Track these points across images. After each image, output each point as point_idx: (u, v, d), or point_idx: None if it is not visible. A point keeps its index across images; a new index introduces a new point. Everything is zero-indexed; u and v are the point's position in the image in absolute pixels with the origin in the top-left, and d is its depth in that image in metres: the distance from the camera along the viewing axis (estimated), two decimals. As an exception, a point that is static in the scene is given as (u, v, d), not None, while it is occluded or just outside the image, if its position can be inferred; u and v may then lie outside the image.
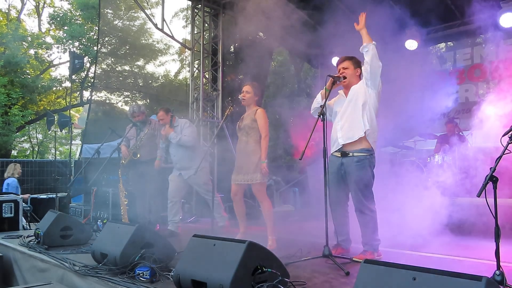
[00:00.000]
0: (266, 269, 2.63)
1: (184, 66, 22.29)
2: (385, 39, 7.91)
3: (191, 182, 5.61)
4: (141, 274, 3.13)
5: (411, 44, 7.53)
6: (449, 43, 10.01)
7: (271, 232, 4.56)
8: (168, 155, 5.76)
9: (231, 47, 9.69)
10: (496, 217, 2.82)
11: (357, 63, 4.09)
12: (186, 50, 9.66)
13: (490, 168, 2.86)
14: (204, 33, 9.02)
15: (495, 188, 2.83)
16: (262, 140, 4.55)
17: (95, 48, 18.73)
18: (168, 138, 5.56)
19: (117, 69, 21.75)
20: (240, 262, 2.54)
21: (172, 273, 2.95)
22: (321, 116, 3.74)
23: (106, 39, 20.77)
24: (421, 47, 7.79)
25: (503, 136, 2.92)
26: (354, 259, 3.69)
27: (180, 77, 22.64)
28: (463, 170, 5.72)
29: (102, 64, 21.22)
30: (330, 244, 3.70)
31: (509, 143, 2.87)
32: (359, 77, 4.06)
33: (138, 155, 5.89)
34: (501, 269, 2.81)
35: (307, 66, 10.14)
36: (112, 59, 21.40)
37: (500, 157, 2.87)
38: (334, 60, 8.35)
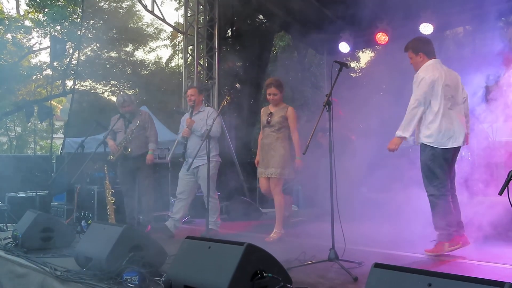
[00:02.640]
0: (266, 274, 2.61)
1: (177, 52, 22.25)
2: (397, 22, 7.88)
3: (200, 172, 5.53)
4: (129, 280, 3.12)
5: (426, 28, 7.48)
6: (467, 26, 9.97)
7: (278, 225, 5.15)
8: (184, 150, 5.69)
9: (228, 31, 9.66)
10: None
11: (417, 48, 4.29)
12: (179, 34, 9.62)
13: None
14: (199, 16, 8.97)
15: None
16: (294, 138, 5.18)
17: (79, 32, 18.64)
18: (192, 130, 5.52)
19: (103, 55, 21.72)
20: (238, 266, 2.53)
21: (163, 279, 2.94)
22: (327, 106, 3.73)
23: (91, 22, 20.72)
24: (436, 31, 7.74)
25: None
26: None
27: (173, 64, 22.65)
28: (483, 165, 5.71)
29: (87, 50, 21.18)
30: (339, 247, 3.68)
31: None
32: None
33: (129, 150, 5.86)
34: (524, 275, 2.80)
35: (312, 52, 10.09)
36: (98, 45, 21.35)
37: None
38: (342, 46, 8.34)
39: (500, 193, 2.81)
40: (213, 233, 5.36)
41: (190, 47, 9.17)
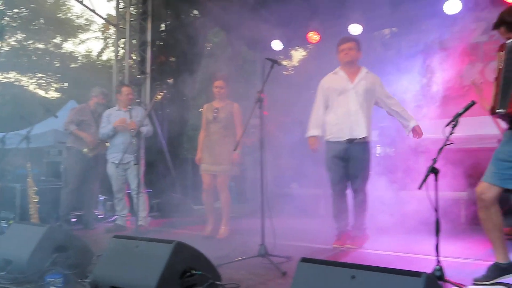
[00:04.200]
0: (195, 272, 2.59)
1: (108, 45, 21.53)
2: (328, 22, 8.08)
3: (131, 168, 5.51)
4: (52, 282, 2.96)
5: (355, 29, 7.72)
6: (393, 29, 10.41)
7: (225, 222, 5.16)
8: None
9: (162, 25, 9.44)
10: (436, 211, 2.97)
11: (360, 47, 4.43)
12: (111, 27, 9.28)
13: (433, 159, 3.01)
14: (131, 8, 8.70)
15: (436, 180, 2.98)
16: (238, 134, 5.01)
17: (2, 21, 17.50)
18: (140, 131, 5.38)
19: (28, 46, 20.57)
20: (167, 264, 2.49)
21: (89, 280, 2.83)
22: (258, 103, 3.74)
23: (16, 10, 19.52)
24: (365, 32, 8.00)
25: (446, 126, 3.06)
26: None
27: (104, 57, 21.88)
28: (405, 162, 5.99)
29: (11, 40, 19.97)
30: (269, 243, 3.71)
31: (451, 133, 3.02)
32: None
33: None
34: (440, 264, 2.96)
35: (245, 49, 10.12)
36: (23, 35, 20.20)
37: (442, 148, 3.02)
38: (274, 44, 8.42)
39: (419, 188, 2.97)
40: (143, 229, 5.26)
41: (122, 40, 8.88)
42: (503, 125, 3.14)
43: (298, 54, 18.42)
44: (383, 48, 9.93)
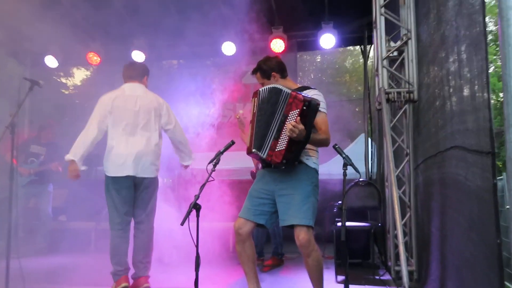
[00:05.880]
0: None
1: None
2: (110, 46, 7.83)
3: None
4: None
5: (138, 56, 7.67)
6: (181, 60, 10.79)
7: None
8: None
9: None
10: (197, 246, 3.01)
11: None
12: None
13: (195, 196, 3.08)
14: None
15: (198, 216, 3.05)
16: None
17: None
18: None
19: None
20: None
21: None
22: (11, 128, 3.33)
23: None
24: (151, 60, 8.02)
25: (208, 163, 3.19)
26: None
27: None
28: (184, 192, 6.09)
29: None
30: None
31: (213, 170, 3.15)
32: None
33: None
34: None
35: (15, 62, 9.04)
36: None
37: (204, 185, 3.11)
38: (48, 60, 7.77)
39: (182, 224, 2.98)
40: None
41: None
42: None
43: (81, 74, 17.40)
44: (170, 78, 10.16)
